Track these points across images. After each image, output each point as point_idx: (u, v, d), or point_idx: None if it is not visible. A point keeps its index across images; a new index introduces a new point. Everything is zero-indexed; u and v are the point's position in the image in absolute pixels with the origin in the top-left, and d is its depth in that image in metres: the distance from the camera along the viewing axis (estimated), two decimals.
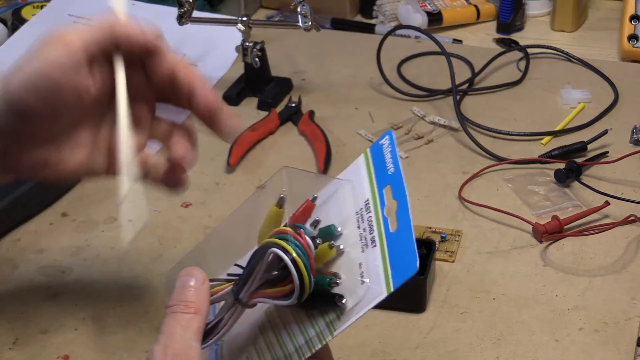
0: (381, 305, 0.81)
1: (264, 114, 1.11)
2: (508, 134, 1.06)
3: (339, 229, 0.62)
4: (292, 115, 1.12)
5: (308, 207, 0.63)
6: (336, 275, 0.60)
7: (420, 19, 1.30)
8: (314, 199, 0.63)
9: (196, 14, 1.13)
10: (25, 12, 1.32)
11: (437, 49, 1.16)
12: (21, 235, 0.94)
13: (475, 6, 1.34)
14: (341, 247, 0.60)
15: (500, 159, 1.02)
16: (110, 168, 0.72)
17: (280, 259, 0.58)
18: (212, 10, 1.32)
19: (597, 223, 0.92)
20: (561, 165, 0.98)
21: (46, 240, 0.93)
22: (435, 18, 1.31)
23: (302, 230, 0.60)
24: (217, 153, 1.04)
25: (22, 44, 1.28)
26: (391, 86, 1.16)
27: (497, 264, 0.87)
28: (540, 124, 1.08)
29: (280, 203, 0.62)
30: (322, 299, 0.59)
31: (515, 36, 1.30)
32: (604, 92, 1.14)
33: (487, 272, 0.87)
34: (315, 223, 0.62)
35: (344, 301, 0.58)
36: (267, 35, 1.20)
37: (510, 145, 1.05)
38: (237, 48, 1.15)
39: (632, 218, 0.91)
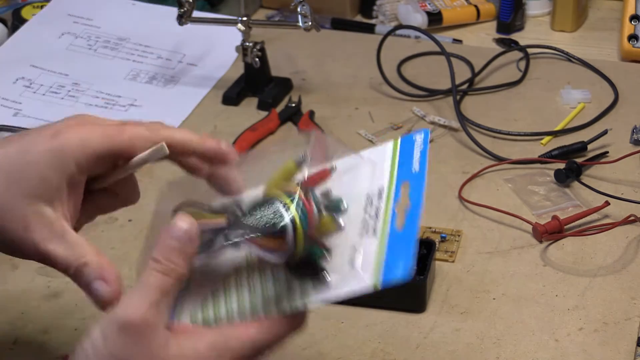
0: (381, 305, 0.82)
1: (264, 114, 1.11)
2: (508, 134, 1.06)
3: (346, 205, 0.60)
4: (292, 115, 1.11)
5: (324, 174, 0.60)
6: (329, 250, 0.58)
7: (420, 19, 1.30)
8: (333, 168, 0.61)
9: (196, 14, 1.13)
10: (25, 12, 1.31)
11: (437, 49, 1.16)
12: None
13: (475, 6, 1.34)
14: (343, 225, 0.59)
15: (500, 159, 1.02)
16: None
17: (282, 216, 0.56)
18: (212, 10, 1.32)
19: (597, 223, 0.92)
20: (561, 165, 0.98)
21: None
22: (435, 18, 1.31)
23: (311, 196, 0.58)
24: None
25: (22, 44, 1.28)
26: (391, 86, 1.16)
27: (497, 264, 0.87)
28: (540, 124, 1.08)
29: (300, 162, 0.60)
30: (307, 266, 0.57)
31: (515, 36, 1.30)
32: (604, 92, 1.14)
33: (487, 272, 0.87)
34: (326, 193, 0.60)
35: (328, 278, 0.57)
36: (267, 35, 1.20)
37: (510, 145, 1.05)
38: (237, 48, 1.15)
39: (632, 218, 0.91)
